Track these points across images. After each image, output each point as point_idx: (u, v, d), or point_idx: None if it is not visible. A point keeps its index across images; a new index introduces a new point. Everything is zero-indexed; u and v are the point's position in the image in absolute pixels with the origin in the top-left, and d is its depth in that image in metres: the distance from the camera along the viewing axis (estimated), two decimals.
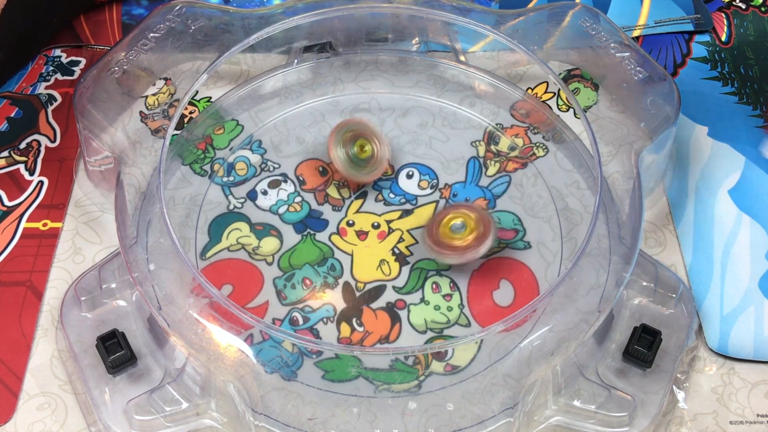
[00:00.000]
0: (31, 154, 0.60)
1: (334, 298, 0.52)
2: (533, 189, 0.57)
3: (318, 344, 0.49)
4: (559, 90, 0.62)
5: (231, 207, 0.56)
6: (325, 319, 0.51)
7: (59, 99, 0.63)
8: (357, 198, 0.56)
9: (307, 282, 0.52)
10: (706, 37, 0.66)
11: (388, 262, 0.53)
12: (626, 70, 0.57)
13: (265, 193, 0.56)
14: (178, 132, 0.59)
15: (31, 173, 0.59)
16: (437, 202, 0.56)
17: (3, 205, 0.57)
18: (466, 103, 0.61)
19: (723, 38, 0.66)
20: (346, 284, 0.52)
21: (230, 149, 0.58)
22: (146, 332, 0.49)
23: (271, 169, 0.57)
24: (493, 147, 0.59)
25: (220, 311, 0.49)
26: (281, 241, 0.54)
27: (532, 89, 0.62)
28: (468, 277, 0.53)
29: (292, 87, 0.62)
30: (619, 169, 0.57)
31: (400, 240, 0.54)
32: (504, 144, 0.59)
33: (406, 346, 0.50)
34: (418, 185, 0.57)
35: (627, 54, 0.57)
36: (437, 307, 0.52)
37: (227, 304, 0.46)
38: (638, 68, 0.56)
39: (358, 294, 0.52)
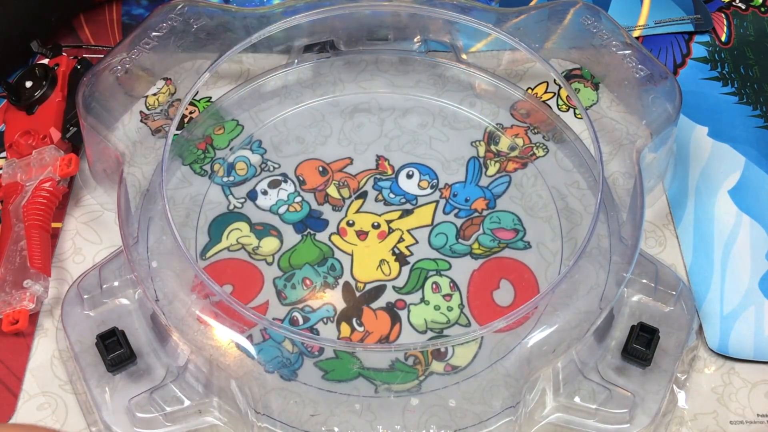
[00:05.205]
0: None
1: (334, 298, 0.52)
2: (533, 189, 0.57)
3: (320, 341, 0.49)
4: (559, 90, 0.62)
5: (231, 207, 0.56)
6: (325, 319, 0.51)
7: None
8: (357, 198, 0.56)
9: (307, 282, 0.52)
10: (706, 38, 0.66)
11: (388, 262, 0.53)
12: (628, 68, 0.57)
13: (265, 193, 0.56)
14: (179, 132, 0.59)
15: None
16: (437, 202, 0.56)
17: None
18: (466, 103, 0.61)
19: (723, 38, 0.66)
20: (346, 284, 0.52)
21: (230, 149, 0.58)
22: (148, 330, 0.49)
23: (271, 169, 0.57)
24: (493, 147, 0.59)
25: (222, 309, 0.49)
26: (281, 241, 0.54)
27: (532, 89, 0.62)
28: (468, 277, 0.53)
29: (292, 87, 0.62)
30: (619, 169, 0.57)
31: (400, 240, 0.54)
32: (504, 144, 0.59)
33: (407, 343, 0.50)
34: (418, 185, 0.57)
35: (628, 52, 0.57)
36: (437, 307, 0.52)
37: (230, 302, 0.46)
38: (639, 66, 0.56)
39: (358, 294, 0.52)
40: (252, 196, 0.56)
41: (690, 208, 0.57)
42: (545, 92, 0.62)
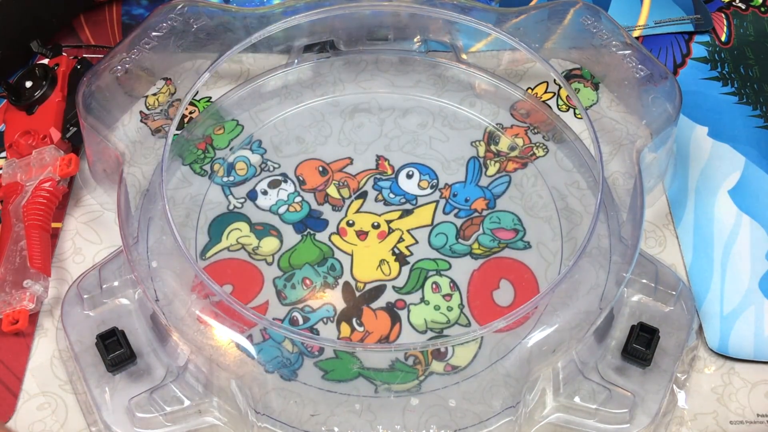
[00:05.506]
0: None
1: (334, 298, 0.52)
2: (533, 189, 0.57)
3: (320, 341, 0.49)
4: (559, 90, 0.62)
5: (231, 207, 0.56)
6: (325, 319, 0.51)
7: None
8: (357, 198, 0.56)
9: (307, 282, 0.52)
10: (706, 37, 0.66)
11: (388, 262, 0.53)
12: (628, 68, 0.57)
13: (265, 193, 0.56)
14: (179, 132, 0.59)
15: None
16: (437, 202, 0.56)
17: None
18: (466, 103, 0.61)
19: (723, 38, 0.66)
20: (346, 284, 0.52)
21: (230, 149, 0.58)
22: (149, 330, 0.49)
23: (271, 169, 0.57)
24: (493, 147, 0.59)
25: (222, 309, 0.49)
26: (281, 241, 0.54)
27: (532, 89, 0.62)
28: (468, 277, 0.53)
29: (292, 87, 0.62)
30: (619, 169, 0.57)
31: (400, 240, 0.54)
32: (504, 144, 0.59)
33: (407, 343, 0.50)
34: (418, 185, 0.57)
35: (628, 52, 0.57)
36: (437, 307, 0.52)
37: (230, 302, 0.46)
38: (639, 66, 0.56)
39: (358, 294, 0.52)
40: (252, 196, 0.56)
41: (690, 208, 0.57)
42: (545, 92, 0.62)
